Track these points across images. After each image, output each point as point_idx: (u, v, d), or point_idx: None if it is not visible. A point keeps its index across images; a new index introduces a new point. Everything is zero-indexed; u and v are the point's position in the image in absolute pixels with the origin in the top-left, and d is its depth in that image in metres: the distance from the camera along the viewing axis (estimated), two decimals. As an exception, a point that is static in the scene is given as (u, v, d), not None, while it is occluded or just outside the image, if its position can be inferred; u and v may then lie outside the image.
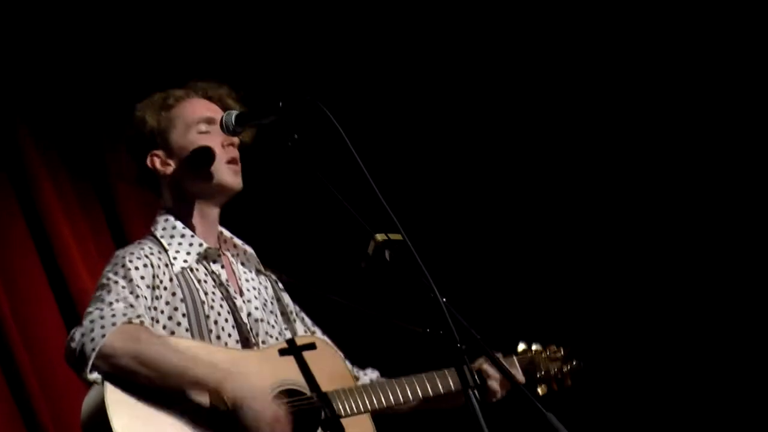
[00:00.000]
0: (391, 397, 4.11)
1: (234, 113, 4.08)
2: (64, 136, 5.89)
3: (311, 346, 4.11)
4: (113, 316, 3.78)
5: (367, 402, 4.05)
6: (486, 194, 6.53)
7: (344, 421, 3.98)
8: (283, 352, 4.05)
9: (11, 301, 5.55)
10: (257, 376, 3.91)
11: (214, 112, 4.21)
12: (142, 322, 3.83)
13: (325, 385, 4.03)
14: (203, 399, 3.82)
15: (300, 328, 4.31)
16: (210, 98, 4.25)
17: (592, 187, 6.48)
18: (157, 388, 3.77)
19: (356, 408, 4.02)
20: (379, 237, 3.73)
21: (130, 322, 3.79)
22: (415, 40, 6.50)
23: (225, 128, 4.07)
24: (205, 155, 4.14)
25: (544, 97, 6.51)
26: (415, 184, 6.37)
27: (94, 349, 3.73)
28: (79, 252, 5.71)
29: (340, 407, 3.98)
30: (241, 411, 3.79)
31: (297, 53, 6.38)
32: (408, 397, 4.15)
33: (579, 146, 6.50)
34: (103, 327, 3.76)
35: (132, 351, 3.75)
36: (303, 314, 4.38)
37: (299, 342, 4.12)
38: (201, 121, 4.18)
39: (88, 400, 3.81)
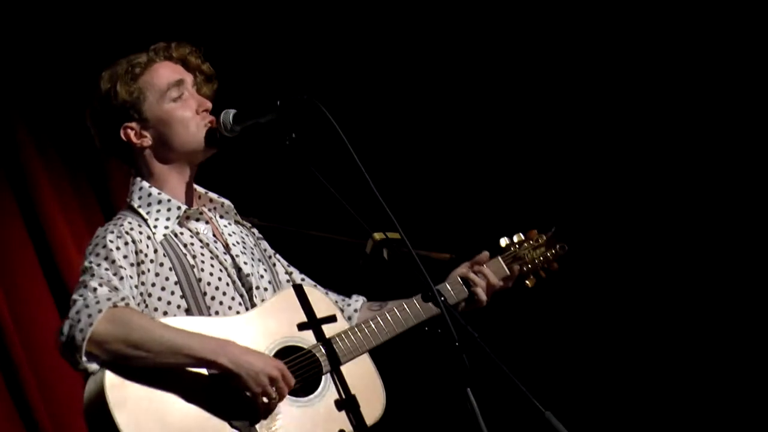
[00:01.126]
0: (386, 333, 4.10)
1: (231, 112, 4.08)
2: (62, 135, 5.89)
3: (300, 293, 4.09)
4: (98, 302, 3.75)
5: (364, 343, 4.05)
6: (484, 192, 6.53)
7: (345, 368, 3.99)
8: (275, 307, 4.03)
9: (9, 300, 5.55)
10: (252, 339, 3.91)
11: (181, 73, 4.17)
12: (127, 304, 3.80)
13: (320, 332, 4.02)
14: (202, 372, 3.80)
15: (280, 271, 4.28)
16: (173, 59, 4.20)
17: (590, 187, 6.48)
18: (152, 368, 3.75)
19: (354, 351, 4.02)
20: (377, 236, 3.74)
21: (115, 306, 3.77)
22: (412, 38, 6.50)
23: (222, 127, 4.07)
24: (184, 126, 4.11)
25: (541, 94, 6.51)
26: (412, 183, 6.36)
27: (84, 339, 3.71)
28: (76, 251, 5.70)
29: (339, 355, 3.98)
30: (241, 377, 3.77)
31: (295, 52, 6.38)
32: (402, 326, 4.15)
33: (577, 146, 6.50)
34: (89, 316, 3.73)
35: (122, 335, 3.73)
36: (279, 256, 4.35)
37: (289, 293, 4.10)
38: (171, 86, 4.13)
39: (89, 395, 3.79)
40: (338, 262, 4.89)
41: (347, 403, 3.96)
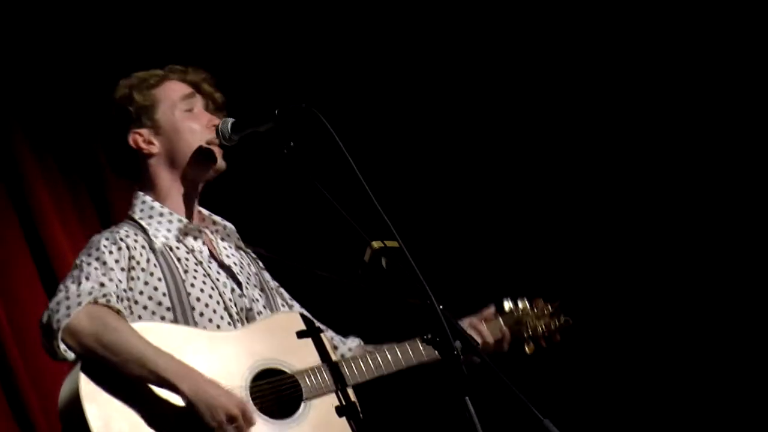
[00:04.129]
0: (373, 370, 4.09)
1: (230, 121, 4.10)
2: (60, 141, 5.89)
3: (293, 320, 4.10)
4: (79, 295, 3.79)
5: (348, 376, 4.04)
6: (482, 201, 6.53)
7: (326, 398, 3.98)
8: (264, 329, 4.03)
9: (6, 306, 5.54)
10: (234, 355, 3.91)
11: (193, 93, 4.23)
12: (108, 301, 3.81)
13: (307, 361, 4.01)
14: (163, 392, 3.80)
15: (279, 303, 4.28)
16: (186, 81, 4.25)
17: (588, 189, 6.48)
18: (119, 372, 3.76)
19: (338, 384, 4.01)
20: (376, 244, 3.75)
21: (95, 301, 3.79)
22: (411, 50, 6.50)
23: (221, 136, 4.09)
24: (193, 135, 4.13)
25: (540, 104, 6.51)
26: (411, 192, 6.36)
27: (59, 329, 3.74)
28: (74, 256, 5.68)
29: (320, 383, 3.97)
30: (199, 409, 3.75)
31: (293, 61, 6.38)
32: (390, 367, 4.14)
33: (575, 152, 6.51)
34: (68, 308, 3.77)
35: (95, 332, 3.75)
36: (282, 289, 4.36)
37: (281, 318, 4.12)
38: (184, 98, 4.19)
39: (64, 388, 3.83)
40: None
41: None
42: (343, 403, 4.00)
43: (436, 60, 6.51)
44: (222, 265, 4.15)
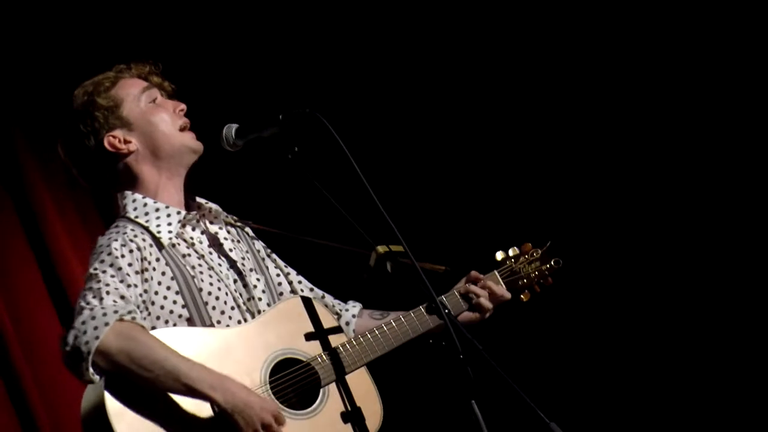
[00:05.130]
0: (390, 343, 4.10)
1: (234, 127, 4.08)
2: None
3: (297, 302, 4.10)
4: (104, 315, 3.75)
5: (369, 352, 4.06)
6: (486, 204, 6.53)
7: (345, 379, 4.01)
8: (273, 318, 4.04)
9: (12, 313, 5.54)
10: (251, 352, 3.92)
11: (149, 86, 4.23)
12: (134, 318, 3.79)
13: (319, 345, 4.02)
14: (198, 404, 3.80)
15: (273, 272, 4.28)
16: (136, 77, 4.25)
17: (589, 188, 6.48)
18: (151, 388, 3.76)
19: (358, 361, 4.03)
20: (381, 248, 3.74)
21: (122, 319, 3.76)
22: (415, 54, 6.49)
23: (225, 142, 4.08)
24: (166, 124, 4.14)
25: (542, 106, 6.50)
26: (416, 195, 6.36)
27: (89, 351, 3.71)
28: (78, 262, 5.69)
29: (344, 365, 3.99)
30: (234, 418, 3.77)
31: (297, 66, 6.37)
32: (400, 340, 4.15)
33: (576, 151, 6.50)
34: (96, 328, 3.73)
35: (126, 349, 3.73)
36: (275, 255, 4.35)
37: (286, 302, 4.11)
38: (144, 90, 4.20)
39: (87, 403, 3.81)
40: (335, 268, 4.88)
41: (349, 415, 3.97)
42: (359, 383, 4.03)
43: (439, 64, 6.50)
44: (221, 255, 4.14)
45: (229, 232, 4.24)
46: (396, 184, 5.98)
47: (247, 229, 4.33)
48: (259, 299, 4.13)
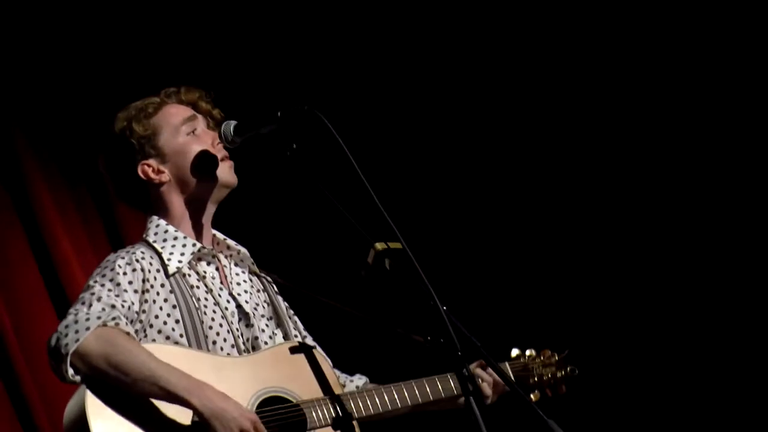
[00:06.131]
0: (379, 406, 4.07)
1: (232, 123, 4.09)
2: (64, 149, 5.89)
3: (302, 351, 4.09)
4: (87, 319, 3.77)
5: (354, 410, 4.01)
6: (484, 201, 6.53)
7: (330, 430, 3.96)
8: (272, 357, 4.04)
9: (12, 314, 5.54)
10: (240, 381, 3.91)
11: (192, 113, 4.22)
12: (117, 324, 3.80)
13: (313, 392, 4.00)
14: (179, 410, 3.79)
15: (292, 332, 4.27)
16: (183, 103, 4.24)
17: (590, 191, 6.48)
18: (129, 393, 3.76)
19: (346, 415, 3.98)
20: (379, 246, 3.74)
21: (105, 324, 3.78)
22: (413, 50, 6.50)
23: (224, 139, 4.08)
24: (203, 157, 4.13)
25: (543, 105, 6.51)
26: (414, 193, 6.36)
27: (67, 353, 3.73)
28: (79, 265, 5.70)
29: (326, 415, 3.96)
30: (211, 423, 3.76)
31: (295, 63, 6.38)
32: (396, 404, 4.12)
33: (576, 151, 6.50)
34: (77, 332, 3.75)
35: (105, 353, 3.74)
36: (296, 318, 4.35)
37: (290, 347, 4.10)
38: (185, 121, 4.18)
39: (70, 406, 3.83)
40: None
41: None
42: None
43: (438, 61, 6.52)
44: (231, 294, 4.15)
45: (251, 279, 4.25)
46: (395, 182, 5.97)
47: (273, 285, 4.32)
48: (265, 343, 4.12)
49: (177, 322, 3.99)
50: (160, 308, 3.99)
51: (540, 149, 6.54)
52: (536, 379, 4.43)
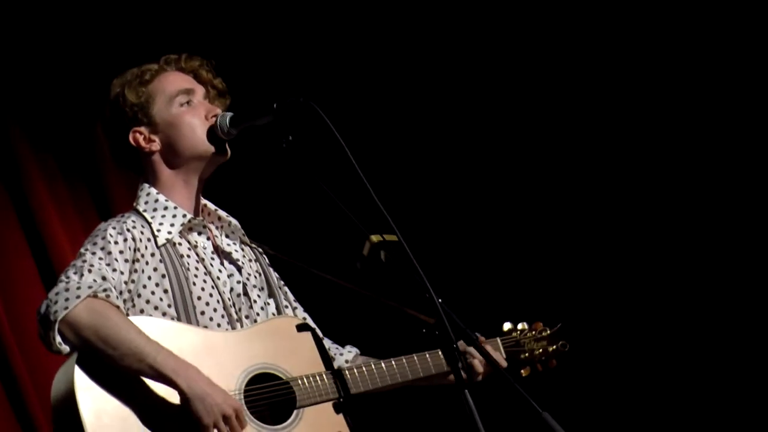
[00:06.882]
0: (369, 383, 4.07)
1: (228, 115, 4.09)
2: (59, 140, 5.89)
3: (292, 325, 4.08)
4: (79, 288, 3.76)
5: (344, 387, 4.01)
6: (479, 192, 6.53)
7: (320, 407, 3.96)
8: (262, 332, 4.02)
9: (7, 306, 5.54)
10: (231, 357, 3.91)
11: (192, 84, 4.20)
12: (108, 296, 3.80)
13: (303, 368, 3.99)
14: (167, 390, 3.79)
15: (283, 303, 4.26)
16: (183, 70, 4.22)
17: (584, 182, 6.48)
18: (116, 367, 3.75)
19: (333, 394, 3.99)
20: (375, 238, 3.74)
21: (95, 295, 3.77)
22: (409, 41, 6.50)
23: (219, 130, 4.08)
24: (192, 130, 4.11)
25: (539, 97, 6.51)
26: (409, 185, 6.36)
27: (56, 320, 3.72)
28: (74, 254, 5.67)
29: (316, 392, 3.96)
30: (194, 405, 3.75)
31: (291, 54, 6.38)
32: (387, 381, 4.11)
33: (570, 144, 6.51)
34: (67, 299, 3.75)
35: (94, 325, 3.73)
36: (287, 289, 4.34)
37: (280, 321, 4.11)
38: (180, 93, 4.15)
39: (58, 378, 3.82)
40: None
41: None
42: (338, 412, 3.98)
43: (433, 53, 6.52)
44: (224, 264, 4.14)
45: (243, 249, 4.24)
46: (390, 174, 5.98)
47: (264, 255, 4.32)
48: (257, 314, 4.12)
49: (165, 292, 3.98)
50: (149, 278, 3.98)
51: (527, 135, 6.54)
52: (527, 354, 4.42)
